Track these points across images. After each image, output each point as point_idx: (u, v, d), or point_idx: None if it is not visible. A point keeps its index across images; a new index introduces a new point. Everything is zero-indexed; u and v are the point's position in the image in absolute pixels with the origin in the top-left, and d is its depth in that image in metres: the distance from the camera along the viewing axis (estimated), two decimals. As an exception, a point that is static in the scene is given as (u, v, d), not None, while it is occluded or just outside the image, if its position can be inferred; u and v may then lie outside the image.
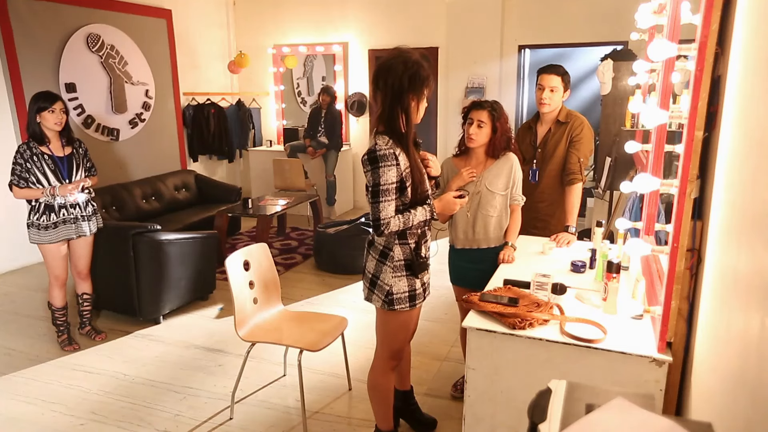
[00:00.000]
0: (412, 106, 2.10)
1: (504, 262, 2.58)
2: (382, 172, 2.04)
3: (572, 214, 2.91)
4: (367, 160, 2.07)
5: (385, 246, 2.19)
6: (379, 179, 2.04)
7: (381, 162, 2.04)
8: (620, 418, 0.84)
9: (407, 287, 2.21)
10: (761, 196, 0.99)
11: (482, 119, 2.58)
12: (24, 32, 5.05)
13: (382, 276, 2.20)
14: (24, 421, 2.84)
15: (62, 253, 3.46)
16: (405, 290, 2.21)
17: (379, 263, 2.21)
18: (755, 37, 1.14)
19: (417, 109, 2.12)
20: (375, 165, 2.05)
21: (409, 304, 2.22)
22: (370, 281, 2.25)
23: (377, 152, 2.05)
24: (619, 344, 1.74)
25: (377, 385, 2.41)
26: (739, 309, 1.10)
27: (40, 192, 3.28)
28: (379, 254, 2.21)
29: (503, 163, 2.64)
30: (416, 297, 2.24)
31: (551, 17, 6.20)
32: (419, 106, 2.13)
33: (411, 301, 2.23)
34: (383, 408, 2.44)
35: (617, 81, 4.72)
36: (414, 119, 2.13)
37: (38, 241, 3.37)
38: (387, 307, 2.21)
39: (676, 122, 1.70)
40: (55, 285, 3.53)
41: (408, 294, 2.22)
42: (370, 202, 2.08)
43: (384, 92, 2.09)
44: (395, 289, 2.19)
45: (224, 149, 7.31)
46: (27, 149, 3.27)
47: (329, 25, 7.28)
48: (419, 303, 2.27)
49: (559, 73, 2.87)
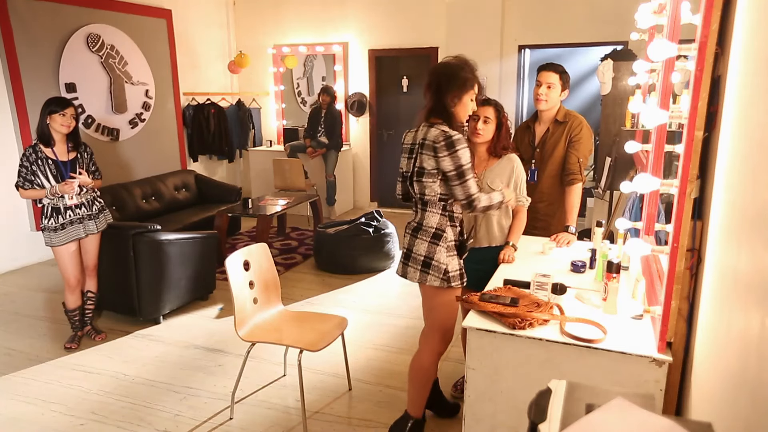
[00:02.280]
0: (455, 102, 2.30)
1: (504, 262, 2.58)
2: (462, 154, 2.22)
3: (572, 214, 2.91)
4: (445, 145, 2.20)
5: (438, 228, 2.33)
6: (460, 160, 2.21)
7: (458, 145, 2.21)
8: (620, 418, 0.84)
9: (458, 266, 2.36)
10: (761, 196, 0.99)
11: (488, 115, 2.59)
12: (24, 32, 5.05)
13: (437, 256, 2.32)
14: (24, 421, 2.84)
15: (71, 251, 3.49)
16: (457, 268, 2.35)
17: (431, 245, 2.33)
18: (755, 37, 1.14)
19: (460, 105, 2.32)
20: (453, 148, 2.20)
21: (461, 281, 2.36)
22: (423, 263, 2.35)
23: (452, 137, 2.22)
24: (619, 344, 1.74)
25: (423, 369, 2.48)
26: (739, 309, 1.10)
27: (43, 192, 3.33)
28: (432, 236, 2.33)
29: (505, 163, 2.65)
30: (463, 276, 2.38)
31: (551, 17, 6.20)
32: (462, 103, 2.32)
33: (461, 279, 2.37)
34: (421, 394, 2.51)
35: (617, 81, 4.72)
36: (460, 115, 2.34)
37: (51, 244, 3.42)
38: (446, 285, 2.32)
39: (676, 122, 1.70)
40: (68, 288, 3.59)
41: (459, 272, 2.36)
42: (456, 183, 2.23)
43: (433, 89, 2.34)
44: (450, 267, 2.32)
45: (224, 149, 7.31)
46: (33, 152, 3.34)
47: (329, 25, 7.28)
48: (465, 282, 2.40)
49: (557, 70, 2.88)
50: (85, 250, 3.61)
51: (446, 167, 2.22)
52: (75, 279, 3.57)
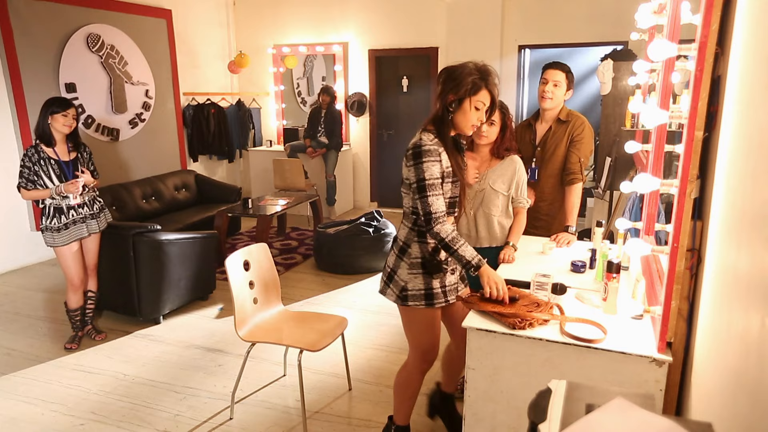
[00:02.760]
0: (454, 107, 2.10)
1: (504, 262, 2.58)
2: (426, 167, 2.05)
3: (572, 214, 2.91)
4: (411, 155, 2.08)
5: (404, 242, 2.22)
6: (423, 174, 2.04)
7: (424, 157, 2.06)
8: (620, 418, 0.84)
9: (423, 285, 2.19)
10: (761, 196, 0.99)
11: (493, 118, 2.58)
12: (24, 32, 5.05)
13: (399, 271, 2.22)
14: (24, 421, 2.84)
15: (74, 253, 3.50)
16: (420, 288, 2.19)
17: (397, 258, 2.23)
18: (755, 37, 1.14)
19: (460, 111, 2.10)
20: (418, 160, 2.06)
21: (425, 302, 2.19)
22: (388, 275, 2.27)
23: (421, 147, 2.07)
24: (619, 344, 1.74)
25: (405, 384, 2.40)
26: (739, 309, 1.10)
27: (47, 192, 3.33)
28: (399, 250, 2.24)
29: (508, 164, 2.65)
30: (433, 297, 2.20)
31: (551, 17, 6.20)
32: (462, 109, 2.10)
33: (427, 300, 2.19)
34: (405, 405, 2.44)
35: (617, 81, 4.72)
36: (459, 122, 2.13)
37: (53, 244, 3.42)
38: (401, 302, 2.22)
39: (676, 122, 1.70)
40: (71, 288, 3.59)
41: (424, 292, 2.19)
42: (416, 198, 2.07)
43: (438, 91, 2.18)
44: (410, 286, 2.19)
45: (224, 149, 7.31)
46: (35, 153, 3.34)
47: (329, 25, 7.28)
48: (438, 304, 2.21)
49: (564, 69, 2.88)
50: (87, 250, 3.61)
51: (410, 177, 2.10)
52: (78, 279, 3.57)
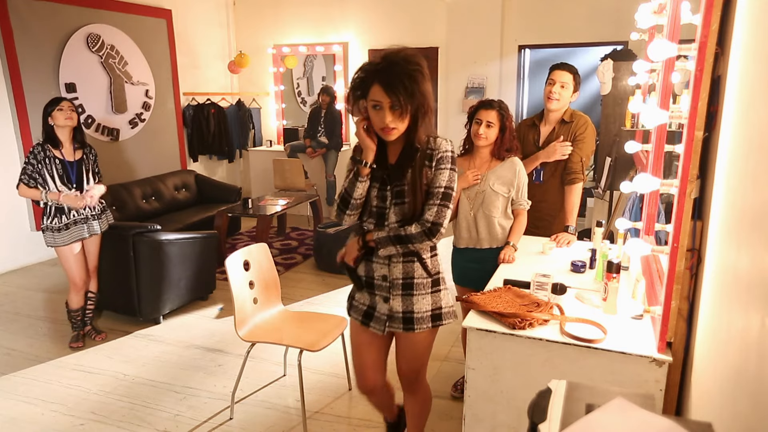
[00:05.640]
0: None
1: (504, 262, 2.58)
2: (457, 177, 1.92)
3: (572, 214, 2.91)
4: (451, 158, 1.88)
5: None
6: (453, 183, 1.88)
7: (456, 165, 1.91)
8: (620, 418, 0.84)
9: (350, 293, 2.13)
10: (761, 196, 0.99)
11: (491, 120, 2.58)
12: (24, 32, 5.05)
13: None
14: (24, 421, 2.84)
15: (76, 252, 3.50)
16: (351, 295, 2.13)
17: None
18: (755, 37, 1.14)
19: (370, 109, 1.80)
20: (454, 166, 1.90)
21: (348, 311, 2.15)
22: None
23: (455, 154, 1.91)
24: (619, 344, 1.74)
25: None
26: (739, 309, 1.10)
27: (39, 195, 3.32)
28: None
29: (508, 166, 2.64)
30: (350, 308, 2.12)
31: (551, 17, 6.20)
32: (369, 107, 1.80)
33: (348, 309, 2.15)
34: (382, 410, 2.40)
35: (617, 81, 4.73)
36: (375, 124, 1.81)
37: (53, 244, 3.41)
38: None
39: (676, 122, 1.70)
40: (73, 289, 3.59)
41: (348, 300, 2.14)
42: (436, 203, 1.83)
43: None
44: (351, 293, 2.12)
45: (224, 149, 7.31)
46: (41, 150, 3.33)
47: (329, 25, 7.28)
48: (353, 317, 2.09)
49: (571, 71, 2.87)
50: (88, 251, 3.61)
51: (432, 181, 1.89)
52: (81, 280, 3.57)
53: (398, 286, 1.92)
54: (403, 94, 1.71)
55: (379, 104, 1.74)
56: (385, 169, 1.90)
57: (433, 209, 1.82)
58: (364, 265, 1.98)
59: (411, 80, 1.71)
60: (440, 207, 1.83)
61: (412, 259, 1.91)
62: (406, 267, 1.92)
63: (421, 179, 1.84)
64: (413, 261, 1.92)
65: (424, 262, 1.93)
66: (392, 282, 1.92)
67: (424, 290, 1.94)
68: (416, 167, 1.84)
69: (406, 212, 1.85)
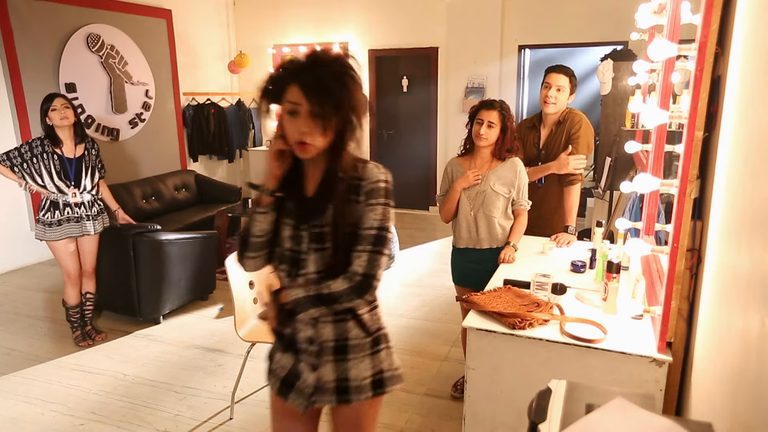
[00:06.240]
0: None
1: (504, 262, 2.58)
2: (393, 214, 1.48)
3: (572, 214, 2.91)
4: (386, 191, 1.45)
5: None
6: (388, 223, 1.45)
7: (392, 199, 1.47)
8: (620, 418, 0.84)
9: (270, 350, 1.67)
10: (761, 196, 0.99)
11: (492, 120, 2.57)
12: (24, 32, 5.05)
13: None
14: (24, 421, 2.84)
15: (70, 251, 3.49)
16: (270, 353, 1.67)
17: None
18: (755, 37, 1.14)
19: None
20: (389, 200, 1.46)
21: (266, 374, 1.67)
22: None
23: (390, 185, 1.47)
24: (619, 344, 1.75)
25: None
26: (738, 309, 1.10)
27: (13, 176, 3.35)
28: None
29: (509, 166, 2.64)
30: (269, 370, 1.66)
31: (551, 17, 6.20)
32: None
33: (267, 371, 1.68)
34: None
35: (617, 81, 4.72)
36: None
37: (43, 237, 3.41)
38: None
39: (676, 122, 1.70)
40: (69, 283, 3.57)
41: (267, 358, 1.68)
42: (367, 250, 1.41)
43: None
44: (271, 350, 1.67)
45: (224, 149, 7.31)
46: (39, 145, 3.33)
47: (329, 25, 7.28)
48: (270, 383, 1.65)
49: (567, 73, 2.86)
50: (83, 252, 3.58)
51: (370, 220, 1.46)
52: (75, 272, 3.55)
53: (329, 351, 1.50)
54: (327, 101, 1.33)
55: (295, 109, 1.36)
56: (301, 202, 1.49)
57: (362, 258, 1.40)
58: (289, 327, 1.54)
59: (340, 85, 1.34)
60: (372, 255, 1.41)
61: (344, 317, 1.50)
62: (338, 327, 1.50)
63: (345, 218, 1.41)
64: (346, 320, 1.50)
65: (361, 320, 1.52)
66: (321, 346, 1.50)
67: (362, 352, 1.52)
68: (339, 202, 1.42)
69: (328, 261, 1.43)
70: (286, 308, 1.46)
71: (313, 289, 1.42)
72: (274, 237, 1.51)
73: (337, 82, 1.34)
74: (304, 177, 1.51)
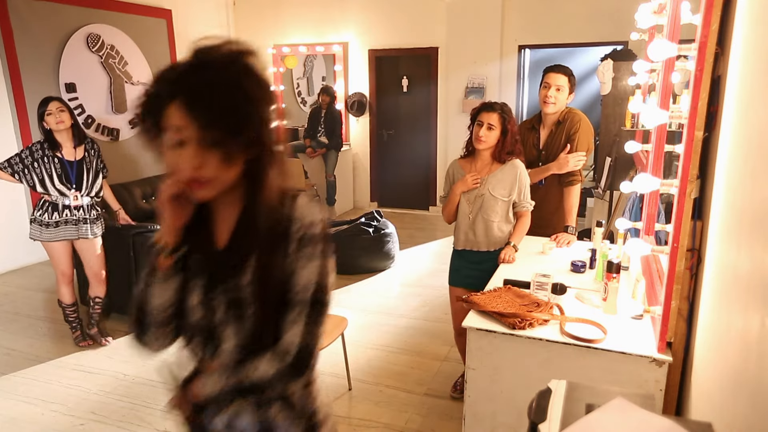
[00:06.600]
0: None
1: (504, 262, 2.58)
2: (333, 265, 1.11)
3: (572, 214, 2.92)
4: (323, 237, 1.07)
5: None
6: (326, 280, 1.08)
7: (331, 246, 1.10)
8: (620, 418, 0.84)
9: None
10: (761, 196, 0.99)
11: (492, 122, 2.57)
12: (24, 32, 5.05)
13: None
14: (24, 421, 2.84)
15: (65, 252, 3.46)
16: None
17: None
18: (755, 37, 1.14)
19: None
20: (328, 247, 1.09)
21: None
22: None
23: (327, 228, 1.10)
24: (619, 344, 1.75)
25: None
26: (738, 309, 1.10)
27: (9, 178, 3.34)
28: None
29: (509, 169, 2.63)
30: None
31: (551, 17, 6.20)
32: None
33: None
34: None
35: (617, 81, 4.72)
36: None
37: (38, 237, 3.38)
38: None
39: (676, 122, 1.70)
40: (62, 281, 3.54)
41: None
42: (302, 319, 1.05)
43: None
44: None
45: (224, 149, 7.30)
46: (39, 149, 3.31)
47: (329, 25, 7.28)
48: None
49: (566, 73, 2.86)
50: (86, 258, 3.54)
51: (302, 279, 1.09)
52: (68, 268, 3.51)
53: None
54: (221, 120, 0.95)
55: (181, 136, 0.96)
56: (210, 257, 1.11)
57: (296, 329, 1.05)
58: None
59: (236, 94, 0.96)
60: (309, 325, 1.05)
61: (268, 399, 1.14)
62: (262, 413, 1.13)
63: (271, 275, 1.05)
64: (270, 403, 1.13)
65: (290, 401, 1.14)
66: None
67: None
68: (262, 254, 1.06)
69: (251, 332, 1.08)
70: (198, 404, 1.14)
71: (233, 377, 1.07)
72: (180, 305, 1.14)
73: (232, 91, 0.96)
74: (213, 223, 1.12)
